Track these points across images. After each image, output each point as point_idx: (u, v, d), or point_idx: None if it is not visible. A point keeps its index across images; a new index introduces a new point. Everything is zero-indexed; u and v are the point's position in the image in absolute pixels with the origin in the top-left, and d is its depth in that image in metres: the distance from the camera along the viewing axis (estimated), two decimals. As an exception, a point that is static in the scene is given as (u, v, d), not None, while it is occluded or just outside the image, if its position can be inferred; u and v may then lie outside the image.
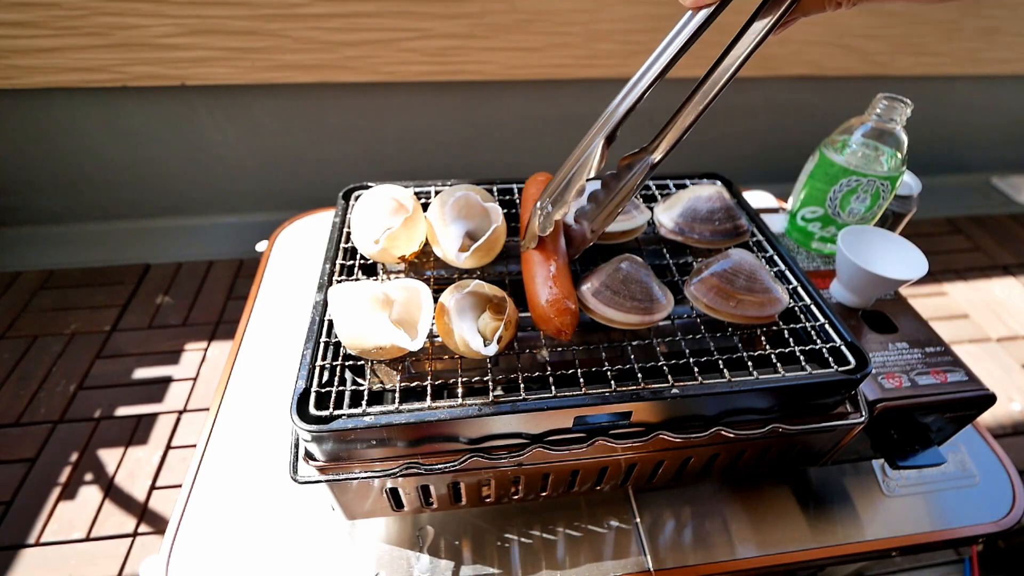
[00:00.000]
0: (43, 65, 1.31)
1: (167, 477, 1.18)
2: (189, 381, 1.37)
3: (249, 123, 1.55)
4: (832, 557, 0.54)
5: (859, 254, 0.56)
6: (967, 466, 0.61)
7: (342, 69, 1.43)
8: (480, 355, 0.41)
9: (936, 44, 1.70)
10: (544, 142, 1.75)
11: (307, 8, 1.31)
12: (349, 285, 0.45)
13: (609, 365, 0.44)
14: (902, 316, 0.58)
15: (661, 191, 0.65)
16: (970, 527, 0.56)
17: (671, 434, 0.43)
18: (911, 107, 0.60)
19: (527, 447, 0.43)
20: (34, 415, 1.26)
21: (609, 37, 1.48)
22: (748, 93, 1.76)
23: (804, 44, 1.62)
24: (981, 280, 1.80)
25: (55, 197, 1.63)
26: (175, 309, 1.56)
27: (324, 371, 0.43)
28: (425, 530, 0.54)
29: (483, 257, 0.50)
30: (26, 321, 1.48)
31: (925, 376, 0.51)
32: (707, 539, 0.54)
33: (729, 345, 0.48)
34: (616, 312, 0.45)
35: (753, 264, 0.48)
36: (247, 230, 1.71)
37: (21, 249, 1.67)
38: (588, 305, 0.46)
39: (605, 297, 0.46)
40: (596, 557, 0.52)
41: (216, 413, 0.63)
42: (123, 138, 1.52)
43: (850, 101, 1.77)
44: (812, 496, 0.58)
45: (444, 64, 1.46)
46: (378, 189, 0.52)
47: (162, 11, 1.27)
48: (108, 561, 1.04)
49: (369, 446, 0.41)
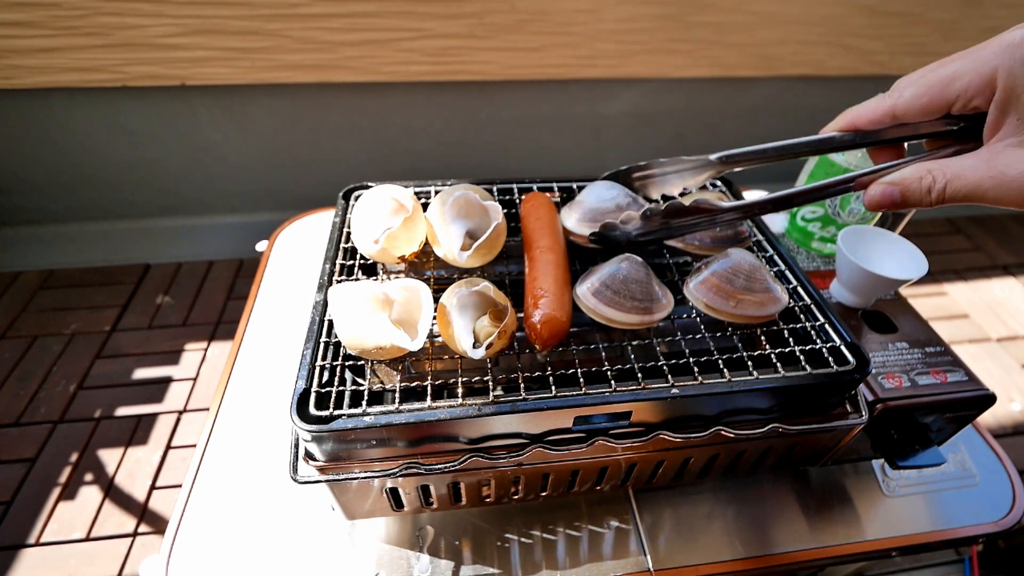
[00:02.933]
0: (43, 65, 1.31)
1: (167, 477, 1.18)
2: (189, 381, 1.37)
3: (249, 123, 1.55)
4: (832, 557, 0.54)
5: (859, 254, 0.56)
6: (967, 466, 0.61)
7: (342, 69, 1.43)
8: (466, 355, 0.41)
9: (936, 44, 1.70)
10: (544, 142, 1.75)
11: (307, 8, 1.31)
12: (349, 285, 0.45)
13: (609, 365, 0.44)
14: (902, 316, 0.58)
15: (661, 191, 0.65)
16: (970, 527, 0.56)
17: (671, 434, 0.43)
18: (911, 107, 0.60)
19: (527, 447, 0.43)
20: (34, 415, 1.26)
21: (609, 37, 1.48)
22: (748, 93, 1.76)
23: (804, 44, 1.62)
24: (981, 280, 1.80)
25: (55, 197, 1.63)
26: (175, 309, 1.56)
27: (324, 371, 0.43)
28: (425, 530, 0.54)
29: (485, 255, 0.50)
30: (26, 321, 1.48)
31: (925, 376, 0.51)
32: (707, 539, 0.54)
33: (729, 345, 0.48)
34: (616, 312, 0.45)
35: (753, 263, 0.48)
36: (247, 230, 1.71)
37: (21, 249, 1.66)
38: (588, 304, 0.46)
39: (606, 297, 0.46)
40: (596, 557, 0.52)
41: (216, 413, 0.63)
42: (123, 138, 1.52)
43: (850, 101, 1.77)
44: (812, 496, 0.58)
45: (444, 64, 1.46)
46: (378, 189, 0.52)
47: (162, 11, 1.27)
48: (108, 561, 1.04)
49: (369, 446, 0.41)
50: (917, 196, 0.34)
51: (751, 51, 1.59)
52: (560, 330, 0.43)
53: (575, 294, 0.48)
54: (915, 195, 0.34)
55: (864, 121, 0.37)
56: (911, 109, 0.34)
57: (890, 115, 0.36)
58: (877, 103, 0.36)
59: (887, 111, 0.36)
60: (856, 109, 0.38)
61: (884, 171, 0.36)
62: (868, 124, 0.37)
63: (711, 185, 0.66)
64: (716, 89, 1.71)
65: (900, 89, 0.35)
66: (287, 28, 1.34)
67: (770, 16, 1.53)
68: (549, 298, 0.44)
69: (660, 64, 1.56)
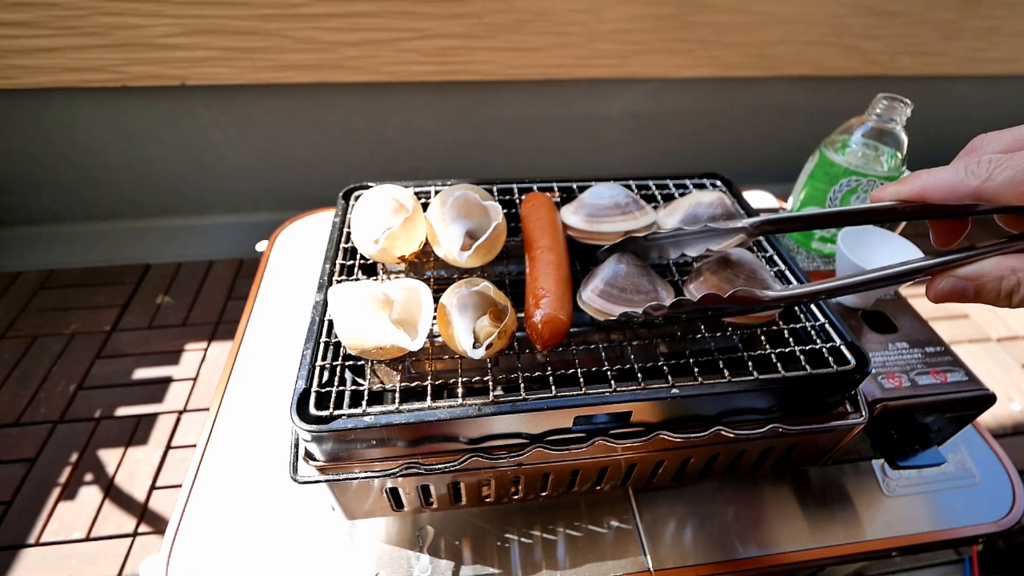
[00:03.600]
0: (43, 65, 1.31)
1: (167, 477, 1.18)
2: (189, 381, 1.37)
3: (249, 123, 1.55)
4: (832, 557, 0.54)
5: (859, 254, 0.56)
6: (967, 466, 0.61)
7: (342, 69, 1.43)
8: (466, 355, 0.41)
9: (936, 44, 1.70)
10: (544, 142, 1.75)
11: (307, 8, 1.31)
12: (349, 285, 0.45)
13: (609, 365, 0.44)
14: (902, 316, 0.58)
15: (661, 191, 0.65)
16: (970, 527, 0.56)
17: (671, 434, 0.43)
18: (911, 107, 0.60)
19: (527, 447, 0.43)
20: (34, 415, 1.26)
21: (609, 37, 1.48)
22: (748, 93, 1.76)
23: (804, 44, 1.62)
24: (981, 280, 1.80)
25: (55, 197, 1.63)
26: (175, 309, 1.56)
27: (324, 371, 0.43)
28: (425, 530, 0.54)
29: (485, 255, 0.50)
30: (26, 321, 1.48)
31: (925, 376, 0.51)
32: (707, 539, 0.54)
33: (729, 345, 0.48)
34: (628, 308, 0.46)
35: (753, 263, 0.48)
36: (247, 230, 1.71)
37: (21, 249, 1.67)
38: (596, 307, 0.47)
39: (612, 296, 0.46)
40: (596, 557, 0.52)
41: (216, 413, 0.63)
42: (123, 138, 1.52)
43: (850, 101, 1.77)
44: (812, 496, 0.58)
45: (444, 64, 1.46)
46: (378, 189, 0.52)
47: (162, 11, 1.27)
48: (108, 561, 1.04)
49: (369, 446, 0.41)
50: (993, 297, 0.29)
51: (751, 51, 1.59)
52: (561, 330, 0.43)
53: (581, 299, 0.48)
54: (990, 295, 0.29)
55: (938, 198, 0.31)
56: (1003, 195, 0.28)
57: (973, 197, 0.29)
58: (957, 179, 0.29)
59: (970, 193, 0.29)
60: (928, 180, 0.31)
61: (954, 263, 0.31)
62: (941, 201, 0.31)
63: (711, 185, 0.66)
64: (716, 89, 1.72)
65: (989, 168, 0.28)
66: (287, 28, 1.34)
67: (770, 16, 1.53)
68: (550, 298, 0.44)
69: (660, 64, 1.56)
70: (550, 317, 0.43)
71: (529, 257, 0.51)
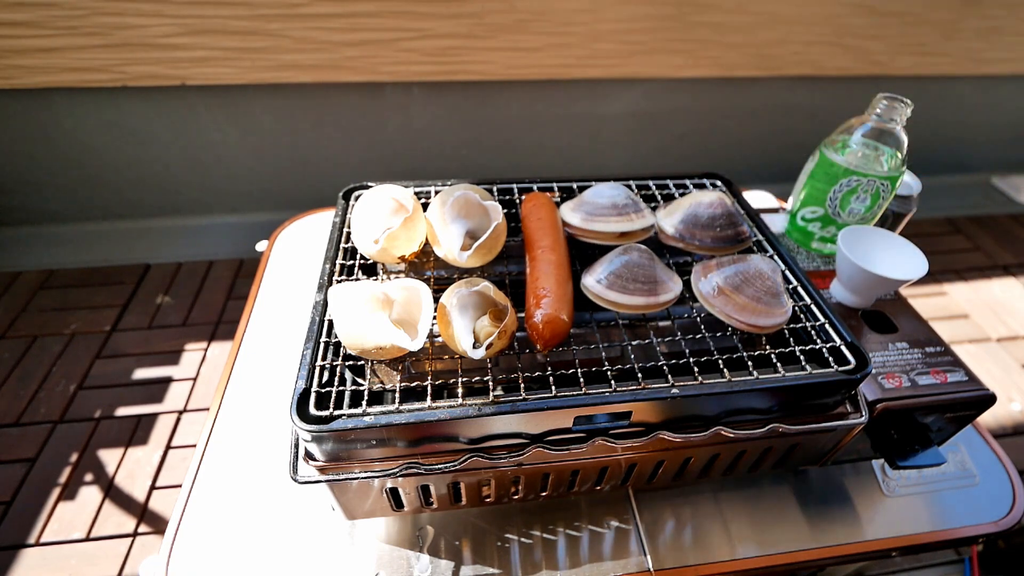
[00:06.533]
0: (43, 65, 1.31)
1: (167, 477, 1.18)
2: (189, 381, 1.37)
3: (249, 123, 1.55)
4: (832, 557, 0.54)
5: (859, 254, 0.56)
6: (967, 466, 0.61)
7: (342, 69, 1.43)
8: (466, 355, 0.41)
9: (936, 44, 1.70)
10: (544, 142, 1.75)
11: (307, 8, 1.31)
12: (349, 285, 0.45)
13: (609, 365, 0.44)
14: (902, 316, 0.58)
15: (661, 191, 0.65)
16: (970, 527, 0.56)
17: (671, 434, 0.43)
18: (911, 107, 0.60)
19: (527, 447, 0.43)
20: (34, 415, 1.26)
21: (609, 37, 1.48)
22: (748, 93, 1.76)
23: (804, 44, 1.62)
24: (981, 280, 1.80)
25: (55, 197, 1.63)
26: (175, 309, 1.56)
27: (324, 371, 0.43)
28: (425, 530, 0.54)
29: (485, 255, 0.50)
30: (26, 321, 1.48)
31: (925, 376, 0.51)
32: (707, 539, 0.54)
33: (729, 345, 0.48)
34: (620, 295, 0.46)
35: (764, 272, 0.48)
36: (247, 230, 1.71)
37: (21, 249, 1.66)
38: (596, 293, 0.47)
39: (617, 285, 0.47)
40: (596, 557, 0.52)
41: (216, 413, 0.63)
42: (123, 138, 1.52)
43: (850, 101, 1.77)
44: (812, 496, 0.58)
45: (444, 64, 1.46)
46: (378, 189, 0.52)
47: (162, 11, 1.27)
48: (108, 561, 1.04)
49: (369, 446, 0.41)
50: None
51: (751, 51, 1.59)
52: (562, 330, 0.43)
53: (584, 286, 0.49)
54: None
55: None
56: None
57: None
58: None
59: None
60: None
61: None
62: None
63: (711, 185, 0.66)
64: (716, 89, 1.71)
65: None
66: (287, 28, 1.34)
67: (770, 16, 1.53)
68: (551, 298, 0.44)
69: (660, 64, 1.56)
70: (551, 317, 0.43)
71: (530, 257, 0.51)
